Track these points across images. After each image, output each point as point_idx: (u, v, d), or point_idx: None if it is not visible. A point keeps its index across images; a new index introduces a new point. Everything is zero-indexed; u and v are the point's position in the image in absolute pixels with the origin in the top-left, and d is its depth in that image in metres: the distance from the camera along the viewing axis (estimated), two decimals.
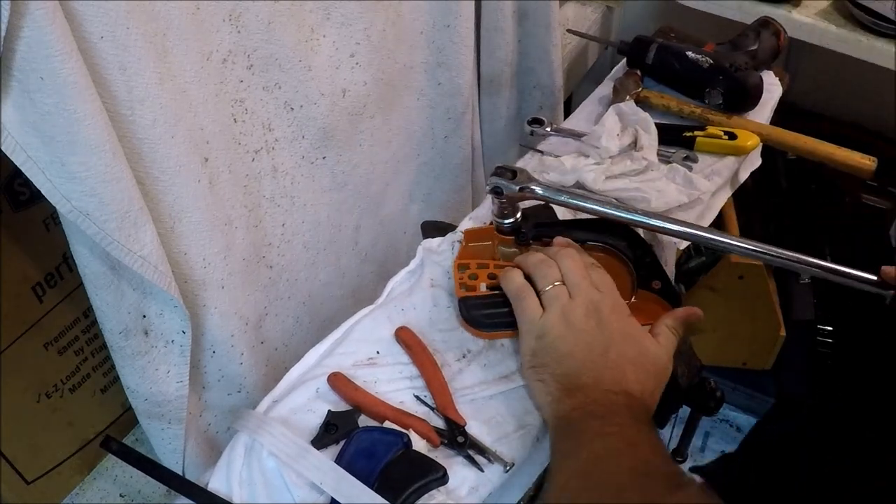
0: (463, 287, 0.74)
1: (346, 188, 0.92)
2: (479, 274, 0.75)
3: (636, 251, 0.75)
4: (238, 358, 0.78)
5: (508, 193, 0.74)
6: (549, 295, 0.68)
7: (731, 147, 0.94)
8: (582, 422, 0.60)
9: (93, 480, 0.89)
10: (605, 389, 0.62)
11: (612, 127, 0.91)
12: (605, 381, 0.63)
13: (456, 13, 0.93)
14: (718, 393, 0.78)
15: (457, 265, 0.76)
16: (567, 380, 0.64)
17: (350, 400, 0.67)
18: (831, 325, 1.42)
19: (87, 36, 0.53)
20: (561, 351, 0.65)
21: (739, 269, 1.17)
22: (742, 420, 1.59)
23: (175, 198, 0.65)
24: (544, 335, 0.66)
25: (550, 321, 0.66)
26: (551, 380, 0.64)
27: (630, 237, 0.76)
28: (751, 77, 0.97)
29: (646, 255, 0.74)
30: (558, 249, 0.72)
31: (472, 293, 0.73)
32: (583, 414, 0.61)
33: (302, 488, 0.61)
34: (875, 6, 1.09)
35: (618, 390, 0.63)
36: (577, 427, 0.60)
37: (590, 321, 0.66)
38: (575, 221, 0.81)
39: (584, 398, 0.62)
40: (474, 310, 0.72)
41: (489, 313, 0.72)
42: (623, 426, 0.59)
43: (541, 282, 0.69)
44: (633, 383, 0.64)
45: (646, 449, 0.58)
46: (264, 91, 0.75)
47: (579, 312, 0.66)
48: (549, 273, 0.69)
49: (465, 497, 0.62)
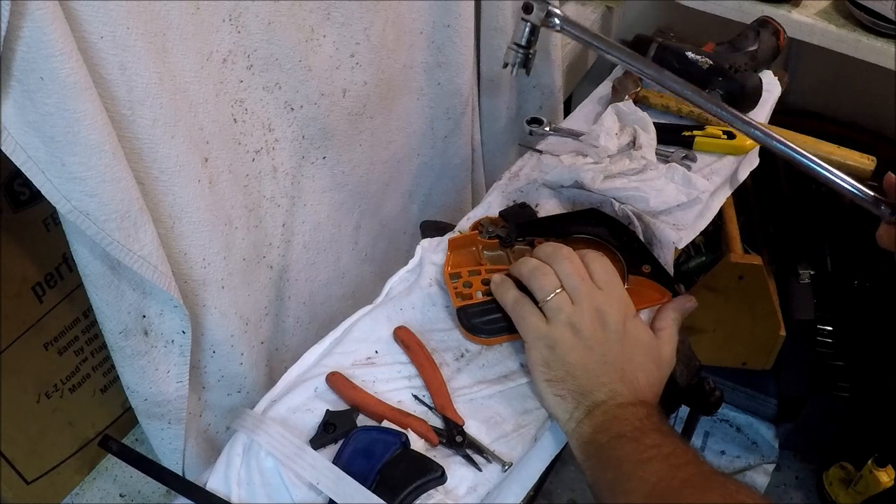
0: (459, 296, 0.74)
1: (346, 188, 0.92)
2: (472, 282, 0.75)
3: (621, 238, 0.75)
4: (238, 358, 0.78)
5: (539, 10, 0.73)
6: (552, 306, 0.67)
7: (729, 146, 0.94)
8: (615, 447, 0.60)
9: (93, 480, 0.89)
10: (621, 403, 0.63)
11: (611, 126, 0.92)
12: (620, 395, 0.63)
13: (456, 13, 0.93)
14: (717, 393, 0.78)
15: (448, 275, 0.76)
16: (584, 397, 0.64)
17: (348, 399, 0.67)
18: (831, 325, 1.42)
19: (87, 36, 0.53)
20: (573, 363, 0.65)
21: (739, 269, 1.17)
22: (742, 420, 1.59)
23: (175, 198, 0.65)
24: (555, 346, 0.66)
25: (558, 332, 0.66)
26: (570, 396, 0.65)
27: (612, 225, 0.75)
28: (750, 79, 0.98)
29: (632, 240, 0.74)
30: (552, 251, 0.70)
31: (469, 301, 0.73)
32: (611, 437, 0.61)
33: (300, 488, 0.61)
34: (875, 6, 1.09)
35: (634, 401, 0.63)
36: (612, 454, 0.60)
37: (597, 328, 0.65)
38: (555, 217, 0.80)
39: (605, 417, 0.62)
40: (474, 318, 0.72)
41: (488, 319, 0.72)
42: (659, 446, 0.59)
43: (539, 293, 0.68)
44: (646, 389, 0.64)
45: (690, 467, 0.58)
46: (264, 91, 0.75)
47: (586, 320, 0.66)
48: (546, 282, 0.68)
49: (463, 496, 0.62)
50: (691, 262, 1.24)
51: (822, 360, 1.41)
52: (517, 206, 0.85)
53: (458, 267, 0.77)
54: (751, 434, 1.58)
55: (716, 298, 1.21)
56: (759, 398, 1.55)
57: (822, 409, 1.44)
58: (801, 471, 1.55)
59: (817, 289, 1.41)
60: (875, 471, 1.36)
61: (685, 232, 0.85)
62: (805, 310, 1.38)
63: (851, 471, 1.46)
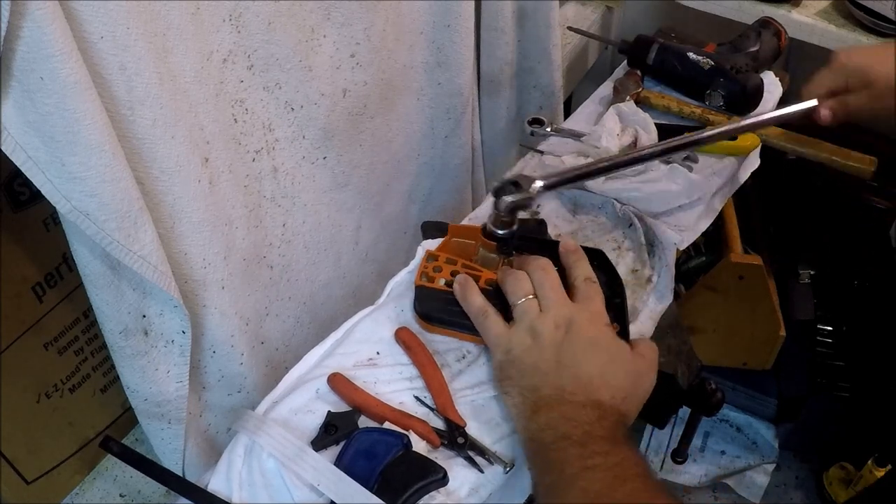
0: (423, 277, 0.73)
1: (346, 188, 0.92)
2: (444, 268, 0.74)
3: (610, 291, 0.72)
4: (238, 358, 0.78)
5: (520, 201, 0.69)
6: (520, 309, 0.67)
7: (731, 147, 0.94)
8: (559, 449, 0.58)
9: (93, 480, 0.89)
10: (570, 401, 0.61)
11: (613, 127, 0.92)
12: (568, 390, 0.61)
13: (456, 13, 0.93)
14: (719, 394, 0.77)
15: (427, 254, 0.75)
16: (532, 393, 0.63)
17: (350, 401, 0.67)
18: (831, 325, 1.42)
19: (87, 36, 0.53)
20: (525, 363, 0.64)
21: (739, 269, 1.17)
22: (742, 420, 1.59)
23: (175, 198, 0.65)
24: (511, 349, 0.65)
25: (517, 335, 0.66)
26: (516, 392, 0.64)
27: (611, 274, 0.73)
28: (751, 80, 0.98)
29: (616, 296, 0.72)
30: (531, 260, 0.70)
31: (430, 285, 0.73)
32: (556, 437, 0.59)
33: (302, 489, 0.61)
34: (875, 6, 1.09)
35: (584, 400, 0.61)
36: (555, 456, 0.58)
37: (558, 334, 0.64)
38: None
39: (551, 414, 0.60)
40: (427, 301, 0.72)
41: (439, 307, 0.71)
42: (606, 454, 0.57)
43: (511, 296, 0.68)
44: (603, 390, 0.62)
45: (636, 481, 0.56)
46: (265, 91, 0.75)
47: (549, 326, 0.65)
48: (519, 287, 0.68)
49: (465, 498, 0.62)
50: (691, 263, 1.24)
51: (822, 360, 1.41)
52: (534, 220, 0.83)
53: (447, 252, 0.76)
54: (751, 434, 1.58)
55: (716, 298, 1.20)
56: (759, 398, 1.55)
57: (822, 409, 1.44)
58: (801, 471, 1.55)
59: (817, 289, 1.41)
60: (875, 471, 1.36)
61: (687, 233, 0.85)
62: (805, 310, 1.38)
63: (851, 471, 1.46)
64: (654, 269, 0.83)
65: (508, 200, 0.69)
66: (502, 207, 0.69)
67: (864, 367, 1.39)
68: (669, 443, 1.52)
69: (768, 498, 1.50)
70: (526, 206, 0.70)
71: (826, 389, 1.41)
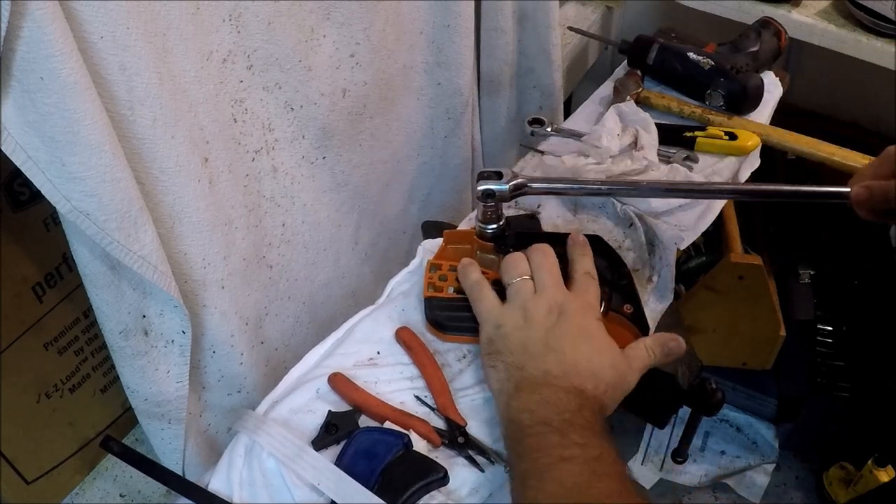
0: (431, 287, 0.74)
1: (346, 188, 0.92)
2: (449, 276, 0.74)
3: (614, 273, 0.73)
4: (238, 358, 0.78)
5: (500, 195, 0.72)
6: (513, 288, 0.67)
7: (731, 147, 0.94)
8: (537, 434, 0.58)
9: (93, 480, 0.89)
10: (553, 385, 0.60)
11: (613, 127, 0.91)
12: (552, 374, 0.61)
13: (456, 13, 0.93)
14: (719, 394, 0.77)
15: (429, 265, 0.76)
16: (517, 371, 0.63)
17: (350, 400, 0.67)
18: (831, 325, 1.42)
19: (87, 36, 0.53)
20: (514, 340, 0.64)
21: (739, 269, 1.17)
22: (742, 420, 1.59)
23: (175, 198, 0.65)
24: (502, 325, 0.66)
25: (509, 313, 0.66)
26: (503, 367, 0.64)
27: (612, 258, 0.74)
28: (752, 80, 0.98)
29: (622, 277, 0.72)
30: (533, 246, 0.71)
31: (439, 294, 0.73)
32: (535, 421, 0.58)
33: (302, 489, 0.61)
34: (875, 6, 1.09)
35: (567, 386, 0.60)
36: (532, 442, 0.58)
37: (550, 317, 0.65)
38: (557, 235, 0.78)
39: (533, 396, 0.60)
40: (438, 311, 0.72)
41: (452, 316, 0.72)
42: (584, 446, 0.56)
43: (507, 275, 0.68)
44: (586, 379, 0.61)
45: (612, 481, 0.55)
46: (264, 91, 0.75)
47: (541, 308, 0.65)
48: (516, 267, 0.68)
49: (465, 497, 0.62)
50: (691, 262, 1.24)
51: (822, 360, 1.41)
52: (526, 215, 0.84)
53: (446, 259, 0.76)
54: (751, 434, 1.58)
55: (716, 298, 1.21)
56: (759, 398, 1.55)
57: (822, 409, 1.44)
58: (801, 471, 1.55)
59: (817, 289, 1.41)
60: (875, 471, 1.36)
61: (687, 233, 0.85)
62: (805, 310, 1.38)
63: (851, 471, 1.46)
64: (654, 269, 0.83)
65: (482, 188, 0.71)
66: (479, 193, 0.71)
67: (864, 367, 1.39)
68: (669, 443, 1.52)
69: (768, 498, 1.50)
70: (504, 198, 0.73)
71: (826, 389, 1.41)
